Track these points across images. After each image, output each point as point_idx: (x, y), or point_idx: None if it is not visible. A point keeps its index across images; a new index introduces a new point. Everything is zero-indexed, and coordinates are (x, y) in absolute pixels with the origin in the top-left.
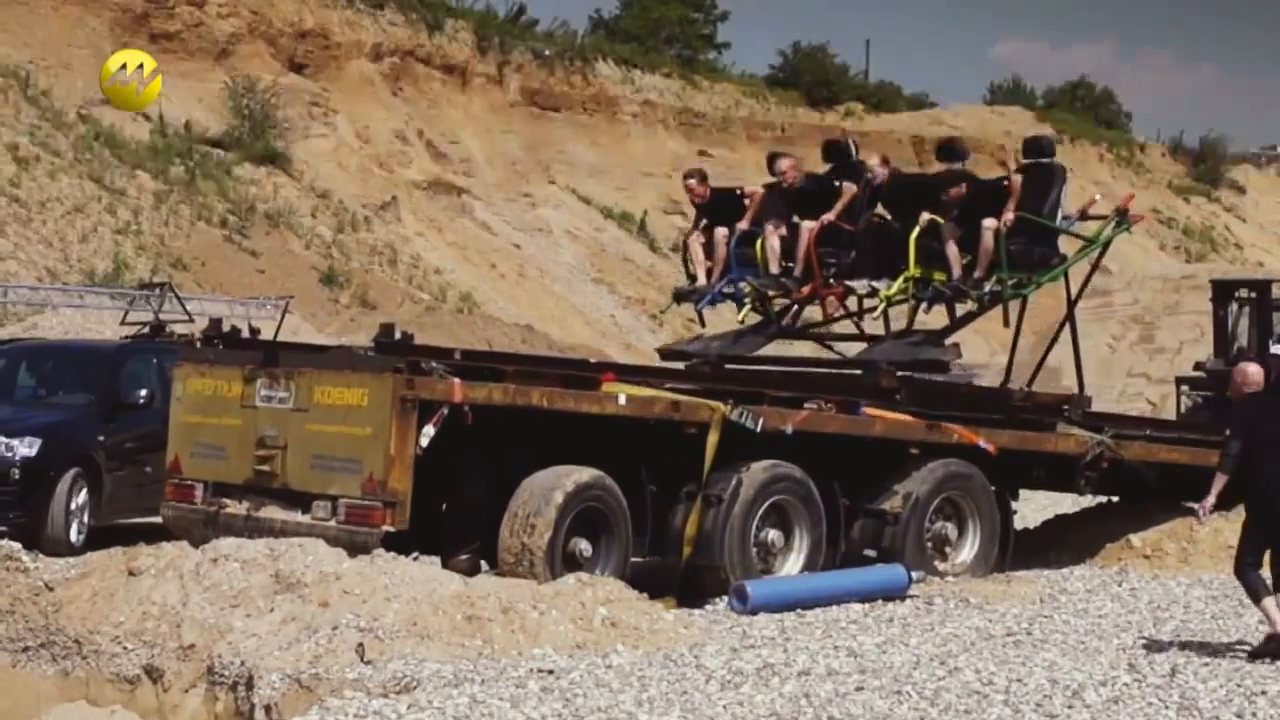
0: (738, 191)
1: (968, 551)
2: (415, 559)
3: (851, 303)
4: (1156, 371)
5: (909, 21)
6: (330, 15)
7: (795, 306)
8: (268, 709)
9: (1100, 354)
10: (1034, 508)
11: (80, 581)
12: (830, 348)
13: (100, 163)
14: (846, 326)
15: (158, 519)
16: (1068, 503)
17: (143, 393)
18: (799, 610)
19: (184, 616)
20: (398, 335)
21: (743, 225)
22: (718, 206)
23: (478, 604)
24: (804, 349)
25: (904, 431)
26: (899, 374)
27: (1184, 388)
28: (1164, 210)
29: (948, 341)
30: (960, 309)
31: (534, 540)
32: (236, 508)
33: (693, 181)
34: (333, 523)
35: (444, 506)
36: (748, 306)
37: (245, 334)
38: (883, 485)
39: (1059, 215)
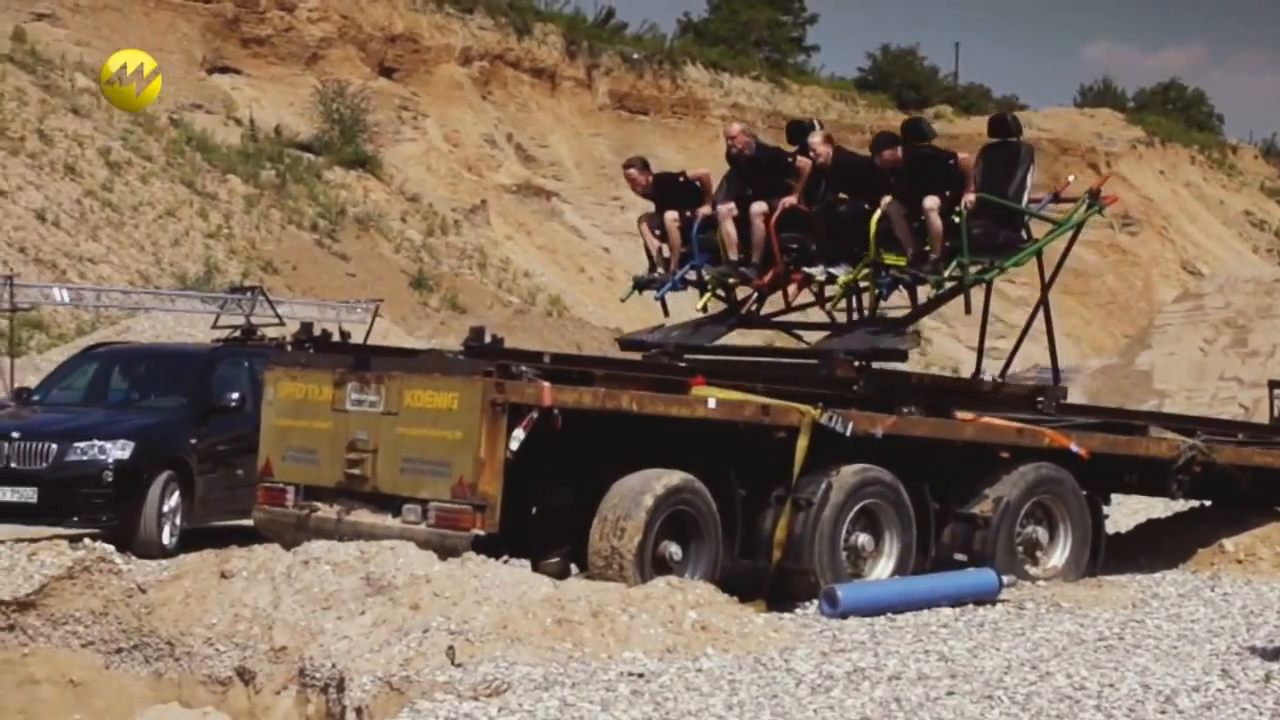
0: (680, 178)
1: (1059, 556)
2: (505, 562)
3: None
4: (1249, 375)
5: (998, 24)
6: (420, 19)
7: (757, 294)
8: (359, 711)
9: (1193, 357)
10: (1125, 512)
11: (173, 583)
12: (799, 337)
13: (192, 167)
14: (815, 314)
15: (249, 522)
16: (1160, 507)
17: (234, 396)
18: (889, 614)
19: (275, 619)
20: (487, 339)
21: (705, 210)
22: (663, 193)
23: (568, 607)
24: (771, 338)
25: (994, 435)
26: (858, 364)
27: (1277, 391)
28: (1256, 213)
29: (909, 330)
30: (923, 295)
31: (624, 543)
32: (327, 511)
33: (633, 171)
34: (423, 526)
35: (534, 510)
36: (708, 294)
37: (336, 338)
38: (973, 489)
39: (1025, 197)
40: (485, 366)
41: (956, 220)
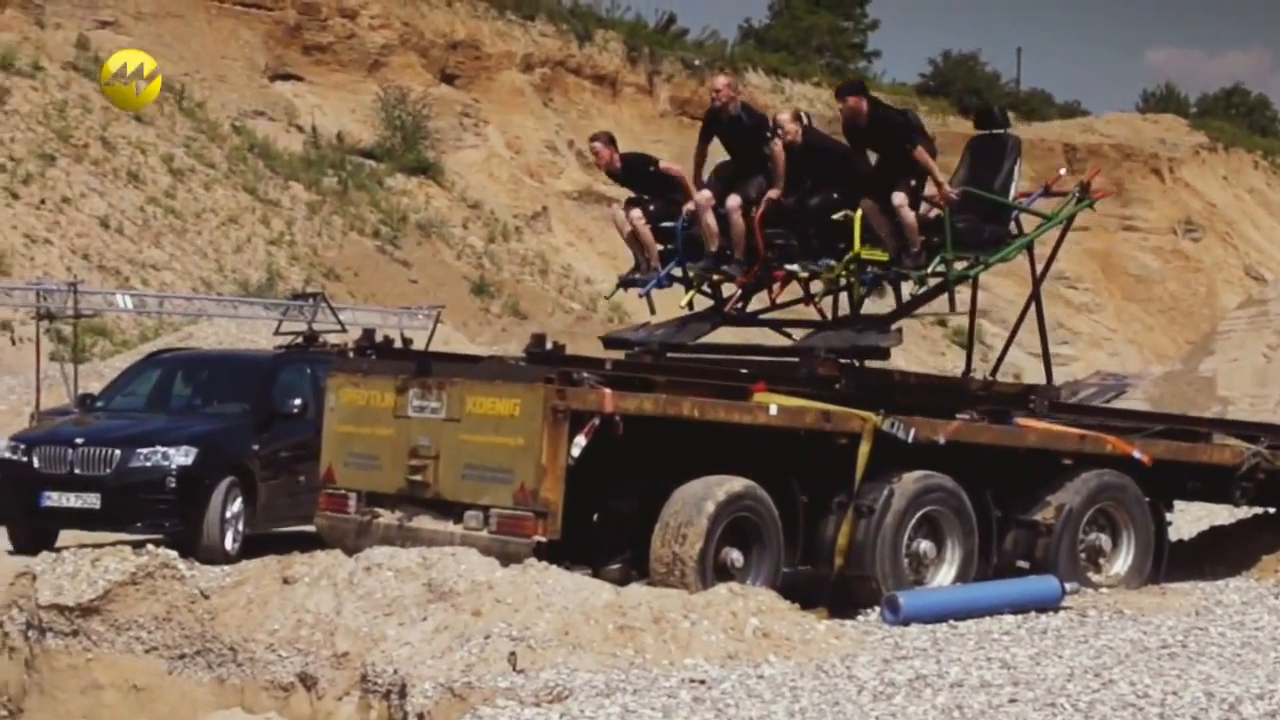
0: (652, 166)
1: (1122, 563)
2: (567, 569)
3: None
4: None
5: (1060, 29)
6: (481, 26)
7: (742, 291)
8: (420, 717)
9: (1256, 363)
10: (1188, 519)
11: (235, 589)
12: (788, 335)
13: (254, 174)
14: (809, 311)
15: (311, 528)
16: (1223, 514)
17: (296, 402)
18: (951, 621)
19: (338, 625)
20: (549, 345)
21: (690, 206)
22: (631, 176)
23: (629, 614)
24: (758, 335)
25: (1057, 442)
26: (841, 362)
27: None
28: None
29: (893, 327)
30: (908, 292)
31: (685, 550)
32: (389, 517)
33: (598, 145)
34: (484, 533)
35: (595, 516)
36: (693, 291)
37: (398, 344)
38: (1035, 496)
39: (1012, 190)
40: (547, 373)
41: (935, 214)
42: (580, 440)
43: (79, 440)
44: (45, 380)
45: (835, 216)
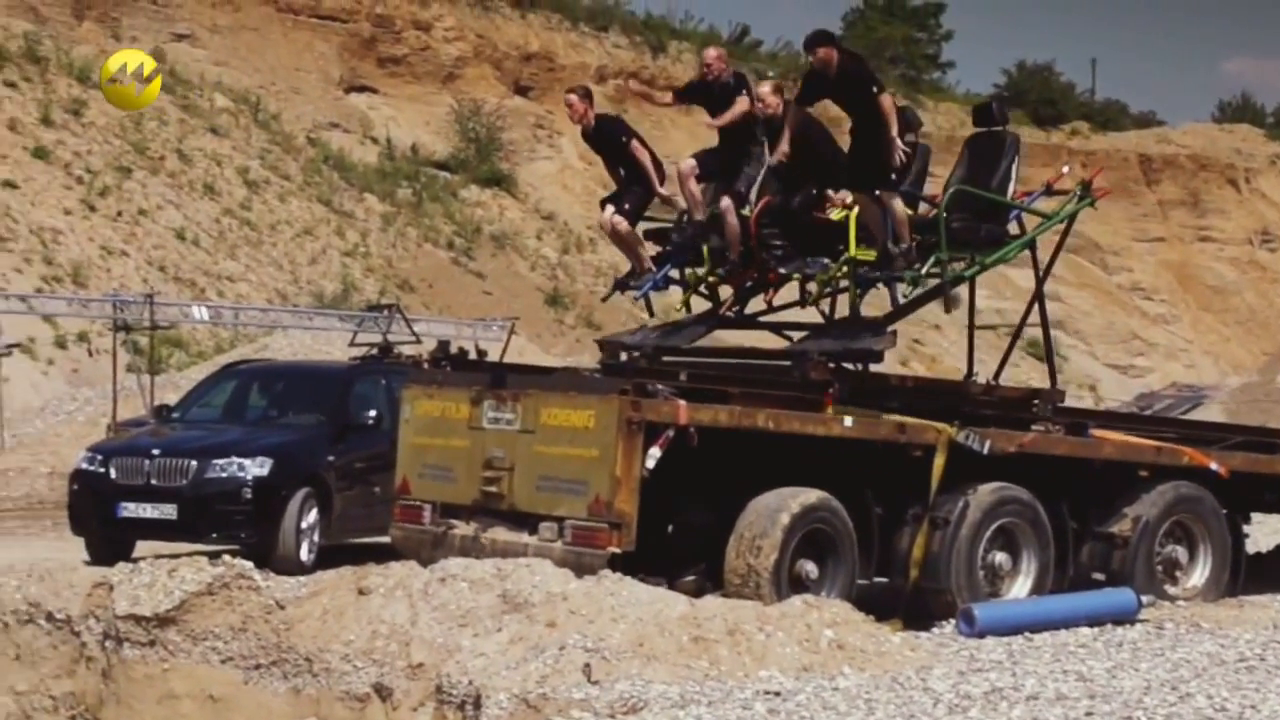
0: (623, 137)
1: (1198, 575)
2: (641, 580)
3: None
4: None
5: (1135, 40)
6: (555, 38)
7: (739, 294)
8: None
9: None
10: (1266, 531)
11: (311, 600)
12: (789, 338)
13: (329, 185)
14: (807, 313)
15: (386, 539)
16: None
17: (371, 413)
18: (1027, 634)
19: (413, 636)
20: (623, 357)
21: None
22: (601, 138)
23: (704, 625)
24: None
25: (1132, 454)
26: (833, 365)
27: None
28: None
29: (888, 330)
30: (903, 293)
31: (760, 562)
32: (464, 529)
33: (574, 98)
34: (559, 544)
35: (670, 528)
36: (689, 293)
37: (472, 356)
38: (1111, 508)
39: (1010, 189)
40: (621, 384)
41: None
42: (655, 451)
43: (156, 451)
44: (122, 391)
45: (834, 217)
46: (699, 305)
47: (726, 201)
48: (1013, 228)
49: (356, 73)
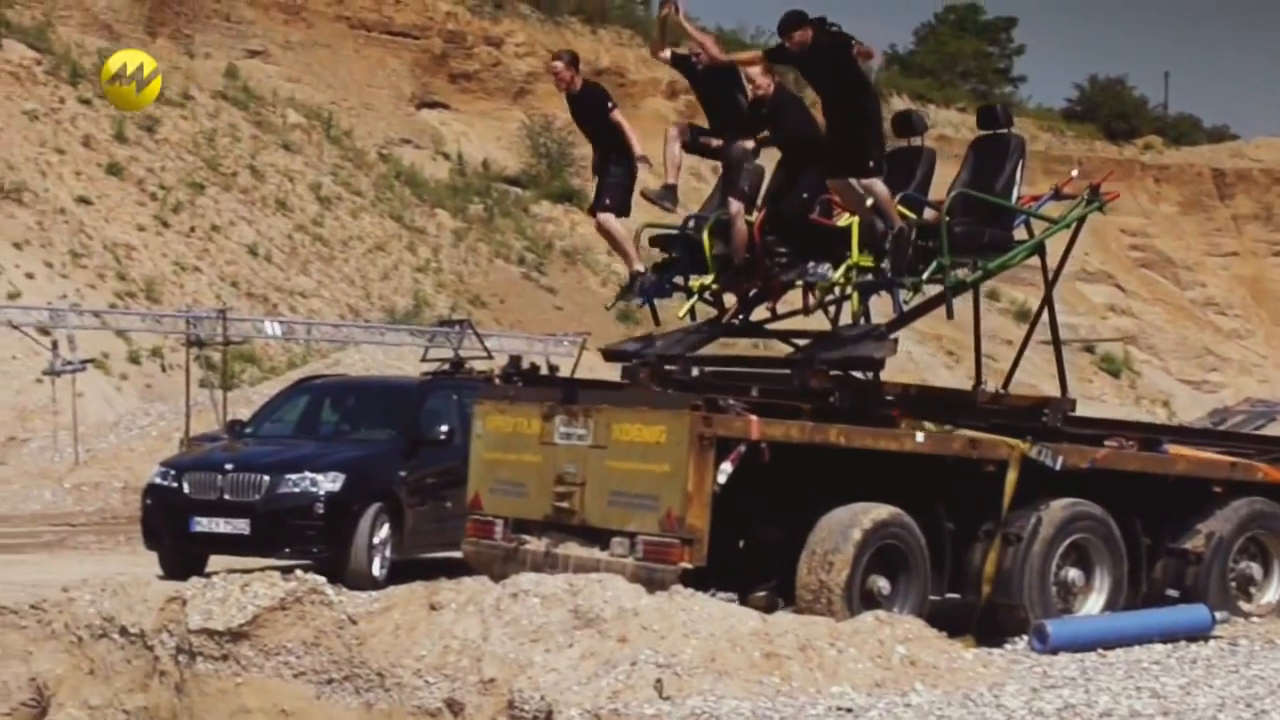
0: (609, 103)
1: (1273, 592)
2: (713, 596)
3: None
4: None
5: (1209, 53)
6: (626, 54)
7: (744, 301)
8: None
9: None
10: None
11: (383, 615)
12: (796, 345)
13: (400, 201)
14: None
15: (458, 554)
16: None
17: (443, 429)
18: (1100, 650)
19: (484, 651)
20: (694, 373)
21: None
22: (584, 105)
23: (776, 641)
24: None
25: (1207, 469)
26: (834, 374)
27: None
28: None
29: (890, 337)
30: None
31: (832, 577)
32: (536, 544)
33: (560, 64)
34: (631, 559)
35: (741, 543)
36: (693, 300)
37: (544, 371)
38: (1185, 524)
39: (1015, 193)
40: (693, 400)
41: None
42: (726, 467)
43: (228, 466)
44: (195, 406)
45: (841, 223)
46: (698, 312)
47: (736, 205)
48: (1020, 233)
49: (428, 89)
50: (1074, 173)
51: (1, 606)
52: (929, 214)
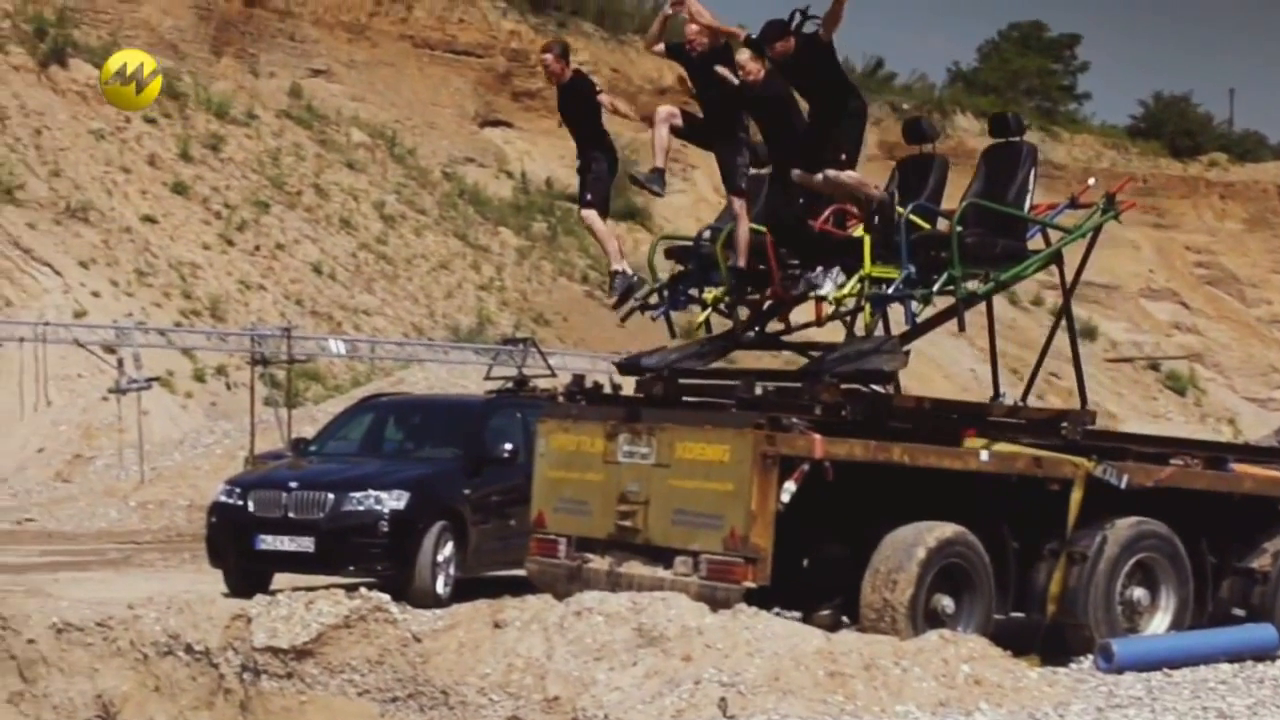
0: (598, 88)
1: None
2: (776, 614)
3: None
4: None
5: (1274, 70)
6: None
7: (759, 313)
8: None
9: None
10: None
11: (447, 633)
12: (812, 357)
13: (464, 220)
14: (830, 331)
15: (521, 572)
16: None
17: (507, 447)
18: (1166, 670)
19: (548, 669)
20: (758, 391)
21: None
22: (574, 94)
23: (840, 660)
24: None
25: (1273, 488)
26: (845, 387)
27: None
28: None
29: (902, 349)
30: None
31: (896, 596)
32: (599, 563)
33: (549, 56)
34: (694, 578)
35: (805, 562)
36: (707, 312)
37: (607, 390)
38: (1252, 542)
39: (1028, 201)
40: (756, 419)
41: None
42: (790, 485)
43: (293, 484)
44: (259, 424)
45: (856, 234)
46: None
47: (739, 203)
48: (1037, 243)
49: (491, 107)
50: (1091, 181)
51: (68, 624)
52: (942, 224)
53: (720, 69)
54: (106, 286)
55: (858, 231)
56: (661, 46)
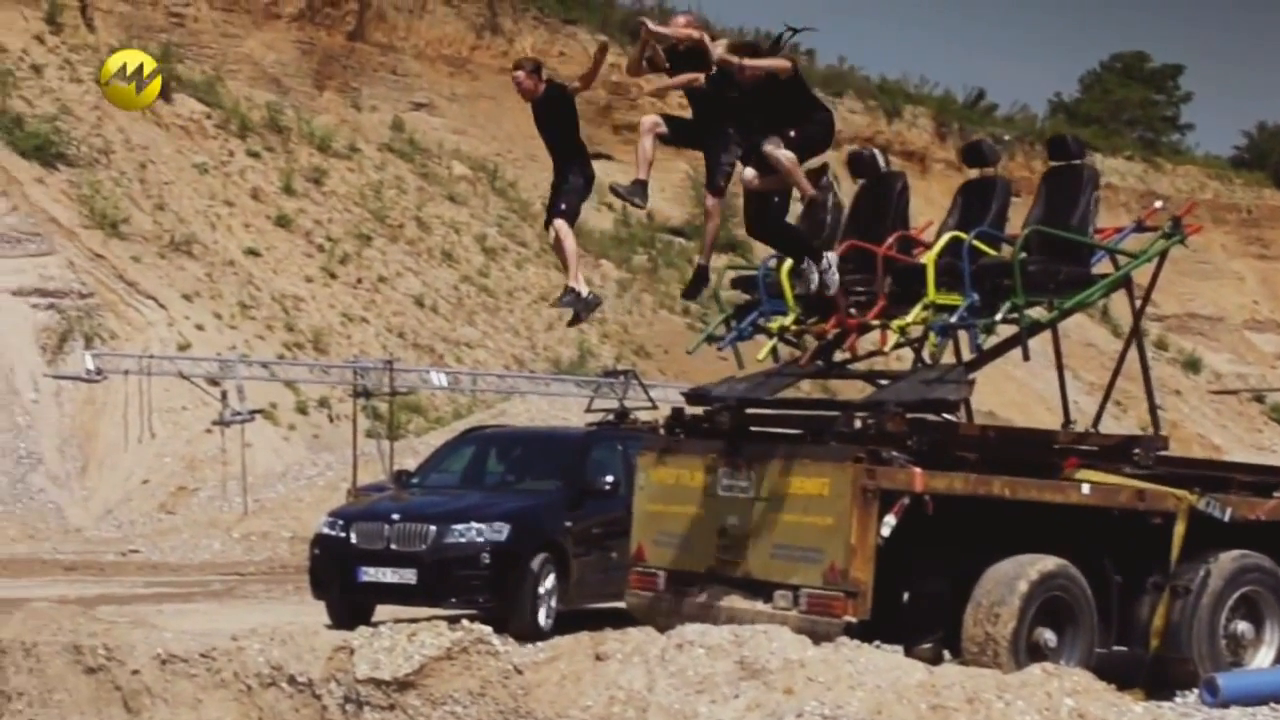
0: (571, 88)
1: None
2: (877, 648)
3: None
4: None
5: None
6: None
7: (826, 343)
8: None
9: None
10: None
11: (549, 665)
12: (879, 387)
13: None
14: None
15: (622, 604)
16: None
17: (608, 479)
18: (1272, 705)
19: (650, 702)
20: (857, 425)
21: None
22: (549, 104)
23: (942, 693)
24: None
25: None
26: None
27: None
28: None
29: (968, 377)
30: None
31: (998, 630)
32: (699, 596)
33: (521, 74)
34: (794, 612)
35: (906, 595)
36: (774, 342)
37: (707, 423)
38: None
39: (1090, 227)
40: (856, 452)
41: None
42: (890, 519)
43: (395, 516)
44: (361, 456)
45: (925, 260)
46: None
47: (714, 203)
48: (1103, 267)
49: (592, 140)
50: (1158, 204)
51: (172, 655)
52: (1005, 250)
53: (722, 53)
54: (210, 319)
55: (924, 258)
56: (645, 64)
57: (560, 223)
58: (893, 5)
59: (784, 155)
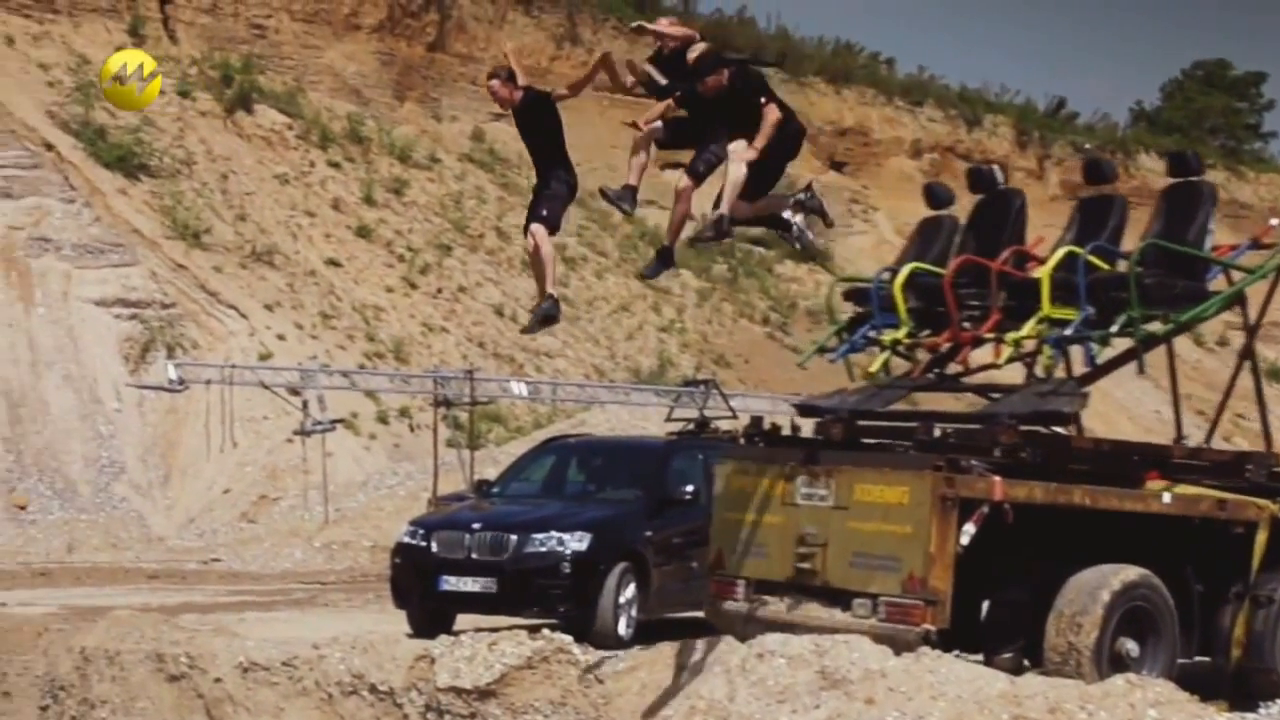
0: (551, 92)
1: None
2: (957, 657)
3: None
4: None
5: None
6: (870, 113)
7: (937, 356)
8: None
9: None
10: None
11: (629, 674)
12: (993, 399)
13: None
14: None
15: (701, 614)
16: None
17: (688, 489)
18: None
19: (731, 711)
20: (936, 433)
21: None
22: (529, 109)
23: (1025, 703)
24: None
25: None
26: (1024, 429)
27: None
28: None
29: (1082, 390)
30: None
31: (1081, 639)
32: (778, 605)
33: (495, 83)
34: (873, 621)
35: (986, 604)
36: (885, 354)
37: (786, 432)
38: None
39: (1208, 242)
40: (935, 461)
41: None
42: (969, 528)
43: (476, 525)
44: (442, 466)
45: (1037, 274)
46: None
47: (687, 185)
48: (1219, 284)
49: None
50: (1274, 221)
51: (254, 663)
52: (1122, 265)
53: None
54: (291, 329)
55: (1037, 273)
56: (642, 89)
57: (538, 228)
58: (973, 15)
59: (744, 155)
